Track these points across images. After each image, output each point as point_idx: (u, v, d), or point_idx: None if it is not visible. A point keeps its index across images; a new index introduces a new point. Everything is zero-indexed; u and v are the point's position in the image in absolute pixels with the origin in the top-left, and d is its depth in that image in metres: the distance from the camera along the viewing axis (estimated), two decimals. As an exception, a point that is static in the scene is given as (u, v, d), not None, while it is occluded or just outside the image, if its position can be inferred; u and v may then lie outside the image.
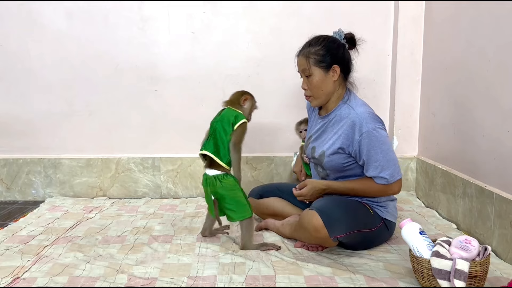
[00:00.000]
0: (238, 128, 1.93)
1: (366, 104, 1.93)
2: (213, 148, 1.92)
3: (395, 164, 1.83)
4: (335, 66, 1.86)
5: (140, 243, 2.04)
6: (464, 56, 2.20)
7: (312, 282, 1.62)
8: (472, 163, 2.13)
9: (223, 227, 2.19)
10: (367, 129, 1.79)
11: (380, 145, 1.79)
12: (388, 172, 1.80)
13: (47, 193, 2.89)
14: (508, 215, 1.78)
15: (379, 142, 1.79)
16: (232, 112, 1.97)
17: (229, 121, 1.93)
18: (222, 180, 1.91)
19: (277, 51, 2.77)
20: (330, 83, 1.89)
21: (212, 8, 2.77)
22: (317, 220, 1.73)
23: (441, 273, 1.45)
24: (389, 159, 1.81)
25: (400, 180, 1.86)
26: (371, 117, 1.82)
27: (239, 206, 1.92)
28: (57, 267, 1.77)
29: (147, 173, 2.88)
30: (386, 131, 1.85)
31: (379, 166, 1.80)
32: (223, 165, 1.92)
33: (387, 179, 1.80)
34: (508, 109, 1.82)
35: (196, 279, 1.66)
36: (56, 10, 2.76)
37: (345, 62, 1.90)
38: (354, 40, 1.92)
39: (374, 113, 1.87)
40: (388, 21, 2.80)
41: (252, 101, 2.06)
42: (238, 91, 2.08)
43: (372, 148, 1.79)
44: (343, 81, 1.93)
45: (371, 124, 1.79)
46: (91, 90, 2.83)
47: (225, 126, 1.92)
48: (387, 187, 1.83)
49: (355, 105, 1.87)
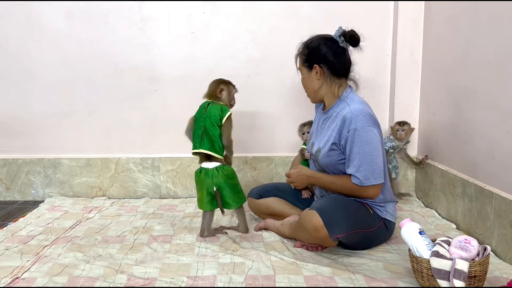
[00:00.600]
0: (226, 122, 2.02)
1: (365, 102, 1.91)
2: (209, 145, 2.01)
3: (373, 168, 1.80)
4: (315, 65, 1.91)
5: (139, 243, 2.04)
6: (463, 56, 2.20)
7: (311, 282, 1.62)
8: (472, 163, 2.13)
9: (222, 227, 2.19)
10: (355, 127, 1.79)
11: (363, 145, 1.78)
12: (362, 174, 1.79)
13: (46, 193, 2.89)
14: (508, 215, 1.78)
15: (362, 142, 1.78)
16: (217, 107, 2.05)
17: (216, 116, 2.02)
18: (222, 170, 2.02)
19: (277, 51, 2.77)
20: (314, 81, 1.94)
21: (211, 8, 2.77)
22: (317, 220, 1.73)
23: (440, 273, 1.45)
24: (368, 161, 1.79)
25: (377, 186, 1.83)
26: (363, 116, 1.81)
27: (237, 193, 2.07)
28: (56, 267, 1.77)
29: (147, 173, 2.88)
30: (378, 133, 1.83)
31: (356, 165, 1.80)
32: (220, 158, 2.04)
33: (360, 180, 1.80)
34: (508, 109, 1.82)
35: (196, 279, 1.66)
36: (56, 10, 2.76)
37: (328, 61, 1.89)
38: (355, 38, 1.87)
39: (369, 113, 1.84)
40: (388, 21, 2.80)
41: (228, 89, 2.11)
42: (213, 81, 2.15)
43: (355, 146, 1.79)
44: (334, 79, 1.92)
45: (360, 123, 1.79)
46: (91, 90, 2.83)
47: (213, 121, 2.01)
48: (361, 189, 1.82)
49: (351, 102, 1.87)
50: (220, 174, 2.01)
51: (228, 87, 2.12)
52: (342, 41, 1.87)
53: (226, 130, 2.03)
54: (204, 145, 2.01)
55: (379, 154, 1.82)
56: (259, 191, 2.28)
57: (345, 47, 1.89)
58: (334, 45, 1.89)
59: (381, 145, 1.84)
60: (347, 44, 1.88)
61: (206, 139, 2.01)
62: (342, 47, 1.89)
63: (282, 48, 2.72)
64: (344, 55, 1.92)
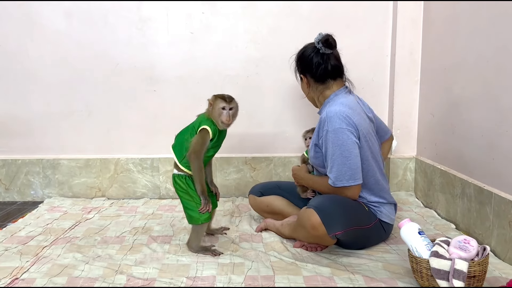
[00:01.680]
0: (197, 135, 1.86)
1: (345, 104, 1.87)
2: (177, 148, 1.92)
3: (344, 170, 1.80)
4: (301, 75, 2.03)
5: (139, 243, 2.04)
6: (462, 56, 2.20)
7: (311, 282, 1.62)
8: (471, 163, 2.13)
9: (222, 228, 2.19)
10: (327, 128, 1.82)
11: (334, 147, 1.81)
12: (334, 175, 1.82)
13: (46, 193, 2.89)
14: (507, 215, 1.78)
15: (333, 143, 1.81)
16: (199, 118, 1.94)
17: (195, 126, 1.90)
18: (177, 181, 1.93)
19: (276, 51, 2.77)
20: (306, 89, 2.05)
21: (211, 8, 2.77)
22: (315, 217, 1.74)
23: (440, 273, 1.45)
24: (339, 163, 1.80)
25: (353, 188, 1.83)
26: (337, 117, 1.81)
27: (190, 210, 1.90)
28: (56, 267, 1.76)
29: (146, 174, 2.88)
30: (352, 134, 1.80)
31: (329, 167, 1.85)
32: (181, 167, 1.90)
33: (332, 181, 1.83)
34: (507, 109, 1.82)
35: (195, 279, 1.66)
36: (55, 11, 2.76)
37: (308, 69, 1.97)
38: (328, 42, 1.90)
39: (345, 115, 1.81)
40: (387, 21, 2.80)
41: (214, 102, 1.88)
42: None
43: (329, 147, 1.83)
44: (317, 85, 1.98)
45: (332, 124, 1.81)
46: (90, 91, 2.83)
47: (190, 129, 1.90)
48: (336, 189, 1.85)
49: (332, 104, 1.90)
50: (174, 183, 1.94)
51: (215, 100, 1.88)
52: (320, 47, 1.92)
53: (193, 140, 1.85)
54: (174, 147, 1.94)
55: (351, 156, 1.80)
56: (260, 188, 2.29)
57: (325, 52, 1.92)
58: (311, 52, 1.94)
59: (357, 146, 1.82)
60: (326, 49, 1.91)
61: (178, 143, 1.93)
62: (322, 53, 1.93)
63: (282, 48, 2.72)
64: (323, 60, 1.93)
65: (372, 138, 1.93)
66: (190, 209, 1.89)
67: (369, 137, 1.90)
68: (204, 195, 1.87)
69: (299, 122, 2.78)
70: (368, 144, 1.88)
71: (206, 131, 1.85)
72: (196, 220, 1.89)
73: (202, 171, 1.87)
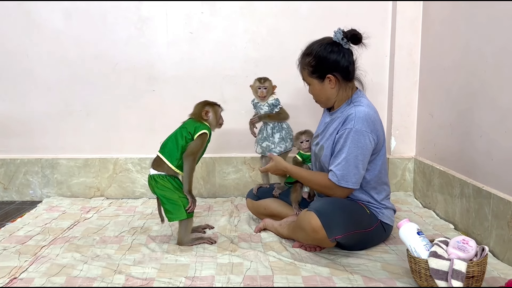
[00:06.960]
0: (197, 139, 1.97)
1: (372, 106, 1.88)
2: (166, 149, 1.98)
3: (354, 172, 1.79)
4: (328, 75, 1.85)
5: (137, 243, 2.03)
6: (461, 56, 2.21)
7: (310, 282, 1.62)
8: (470, 163, 2.13)
9: (202, 226, 2.23)
10: (352, 127, 1.79)
11: (352, 147, 1.78)
12: (341, 173, 1.79)
13: (44, 193, 2.88)
14: (505, 216, 1.78)
15: (353, 143, 1.78)
16: (193, 123, 2.00)
17: (188, 130, 1.98)
18: (158, 180, 1.96)
19: (275, 51, 2.77)
20: (328, 90, 1.90)
21: (210, 8, 2.77)
22: (315, 221, 1.73)
23: (438, 273, 1.45)
24: (351, 163, 1.78)
25: (347, 190, 1.82)
26: (367, 120, 1.80)
27: (175, 207, 1.95)
28: (54, 267, 1.76)
29: (145, 173, 2.88)
30: (373, 140, 1.80)
31: (339, 163, 1.80)
32: (173, 168, 1.96)
33: (337, 178, 1.79)
34: (506, 109, 1.82)
35: (194, 279, 1.66)
36: (54, 10, 2.75)
37: (340, 67, 1.85)
38: (357, 37, 1.83)
39: (373, 119, 1.82)
40: (386, 21, 2.80)
41: (213, 110, 2.05)
42: (198, 103, 2.09)
43: (346, 145, 1.79)
44: (346, 84, 1.89)
45: (359, 125, 1.79)
46: (89, 90, 2.83)
47: (184, 132, 1.98)
48: (334, 187, 1.81)
49: (359, 104, 1.85)
50: (154, 183, 1.97)
51: (214, 108, 2.06)
52: (345, 42, 1.84)
53: (193, 144, 1.96)
54: (163, 148, 2.00)
55: (364, 161, 1.80)
56: (257, 192, 2.28)
57: (349, 48, 1.87)
58: (341, 49, 1.84)
59: (370, 153, 1.82)
60: (351, 45, 1.86)
61: (168, 144, 1.99)
62: (347, 49, 1.86)
63: (281, 48, 2.73)
64: (352, 57, 1.88)
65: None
66: (179, 205, 1.94)
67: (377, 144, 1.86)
68: (191, 194, 1.97)
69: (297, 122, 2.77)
70: (384, 148, 1.90)
71: (206, 135, 1.99)
72: (183, 215, 1.94)
73: (193, 172, 1.98)
